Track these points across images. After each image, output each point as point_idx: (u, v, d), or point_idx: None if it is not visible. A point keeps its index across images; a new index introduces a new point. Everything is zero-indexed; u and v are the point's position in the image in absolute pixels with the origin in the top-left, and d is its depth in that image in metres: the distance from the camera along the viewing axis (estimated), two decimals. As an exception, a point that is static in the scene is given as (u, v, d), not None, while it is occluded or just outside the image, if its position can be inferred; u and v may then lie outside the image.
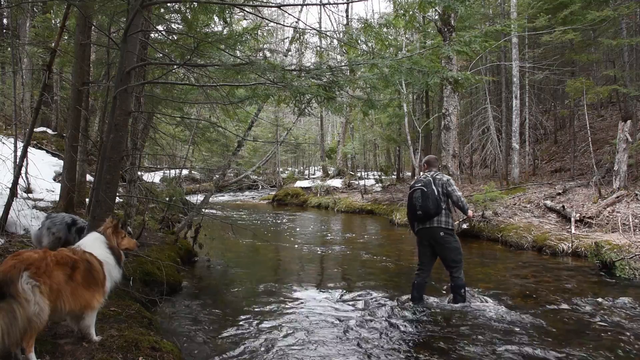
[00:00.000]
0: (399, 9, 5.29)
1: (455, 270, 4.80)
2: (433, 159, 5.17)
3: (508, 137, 14.80)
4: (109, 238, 3.04)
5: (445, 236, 4.75)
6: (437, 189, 4.75)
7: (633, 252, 6.55)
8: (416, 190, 4.82)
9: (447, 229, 4.77)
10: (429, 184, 4.78)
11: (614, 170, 9.68)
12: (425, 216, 4.74)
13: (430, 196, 4.69)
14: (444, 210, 4.76)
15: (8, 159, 6.05)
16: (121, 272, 3.09)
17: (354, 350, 3.78)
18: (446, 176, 4.92)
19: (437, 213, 4.72)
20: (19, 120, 9.73)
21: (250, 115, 9.36)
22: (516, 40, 13.11)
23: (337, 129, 35.53)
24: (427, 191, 4.72)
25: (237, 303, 5.23)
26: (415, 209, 4.78)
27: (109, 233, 3.05)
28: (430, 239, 4.84)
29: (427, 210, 4.70)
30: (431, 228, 4.77)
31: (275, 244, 9.40)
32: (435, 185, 4.77)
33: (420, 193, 4.75)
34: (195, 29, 5.27)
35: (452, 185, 4.83)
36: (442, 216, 4.75)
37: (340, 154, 26.54)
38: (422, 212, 4.74)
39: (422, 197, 4.72)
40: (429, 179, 4.83)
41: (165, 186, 11.87)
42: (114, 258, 3.00)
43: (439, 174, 4.92)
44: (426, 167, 5.13)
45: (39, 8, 12.42)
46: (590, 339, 4.01)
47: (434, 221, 4.75)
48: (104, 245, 2.99)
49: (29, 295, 2.35)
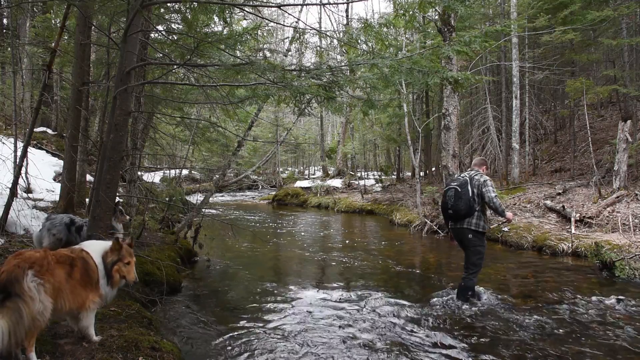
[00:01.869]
0: (399, 9, 5.28)
1: (472, 272, 4.84)
2: (478, 160, 5.15)
3: (508, 137, 14.80)
4: (107, 251, 2.94)
5: (472, 238, 4.77)
6: (473, 190, 4.74)
7: (633, 252, 6.55)
8: (450, 189, 4.85)
9: (476, 231, 4.78)
10: (464, 184, 4.78)
11: (614, 170, 9.68)
12: (456, 216, 4.78)
13: (463, 196, 4.70)
14: (477, 212, 4.76)
15: (8, 159, 6.05)
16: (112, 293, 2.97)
17: (355, 350, 3.78)
18: (485, 177, 4.87)
19: (468, 214, 4.73)
20: (19, 120, 9.73)
21: (250, 115, 9.37)
22: (516, 40, 13.11)
23: (337, 129, 35.53)
24: (461, 191, 4.74)
25: (237, 303, 5.23)
26: (447, 207, 4.83)
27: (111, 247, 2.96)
28: (459, 238, 4.93)
29: (458, 211, 4.73)
30: (461, 228, 4.82)
31: (275, 244, 9.40)
32: (471, 185, 4.76)
33: (454, 192, 4.77)
34: (195, 29, 5.27)
35: (488, 186, 4.77)
36: (474, 218, 4.76)
37: (340, 154, 26.53)
38: (452, 211, 4.78)
39: (455, 196, 4.75)
40: (466, 179, 4.83)
41: (165, 186, 11.88)
42: (104, 269, 2.90)
43: (478, 174, 4.88)
44: (471, 167, 5.13)
45: (39, 8, 12.42)
46: (590, 339, 4.01)
47: (464, 222, 4.78)
48: (101, 253, 2.91)
49: (34, 293, 2.36)
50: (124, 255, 2.96)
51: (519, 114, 13.59)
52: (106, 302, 2.98)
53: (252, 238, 9.48)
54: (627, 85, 12.88)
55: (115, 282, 2.92)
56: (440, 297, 5.19)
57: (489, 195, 4.72)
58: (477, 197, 4.75)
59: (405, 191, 16.61)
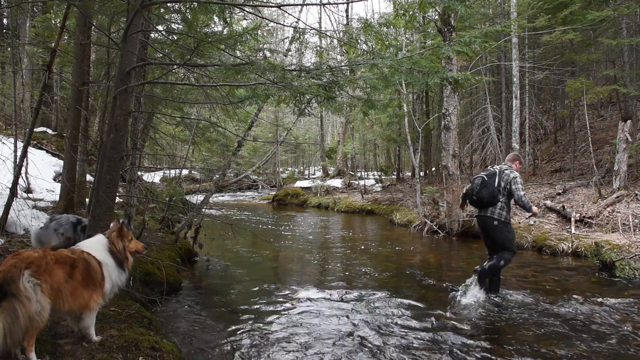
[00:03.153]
0: (399, 9, 5.29)
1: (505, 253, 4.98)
2: (512, 156, 5.35)
3: (508, 137, 14.79)
4: (113, 242, 3.01)
5: (498, 225, 5.00)
6: (500, 182, 4.96)
7: (633, 252, 6.55)
8: (478, 178, 5.11)
9: (499, 220, 5.00)
10: (492, 174, 5.02)
11: (614, 170, 9.68)
12: (479, 203, 5.03)
13: (488, 186, 4.94)
14: (500, 203, 4.97)
15: (8, 159, 6.05)
16: (126, 276, 3.06)
17: (355, 350, 3.78)
18: (515, 173, 5.06)
19: (491, 203, 4.97)
20: (19, 120, 9.73)
21: (250, 115, 9.36)
22: (516, 40, 13.11)
23: (337, 129, 35.52)
24: (487, 181, 4.98)
25: (237, 303, 5.23)
26: (472, 194, 5.07)
27: (113, 237, 3.03)
28: (483, 226, 5.14)
29: (481, 198, 4.97)
30: (485, 216, 5.07)
31: (275, 244, 9.40)
32: (499, 177, 4.98)
33: (480, 181, 5.03)
34: (195, 29, 5.27)
35: (517, 184, 4.95)
36: (497, 208, 4.98)
37: (340, 154, 26.53)
38: (476, 197, 5.03)
39: (481, 185, 5.00)
40: (495, 171, 5.07)
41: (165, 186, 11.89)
42: (115, 261, 2.98)
43: (509, 169, 5.08)
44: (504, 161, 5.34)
45: (39, 8, 12.42)
46: (590, 339, 4.01)
47: (488, 210, 5.02)
48: (105, 247, 2.98)
49: (31, 293, 2.35)
50: (126, 234, 3.10)
51: (519, 114, 13.58)
52: (123, 286, 3.14)
53: (252, 238, 9.48)
54: (627, 85, 12.88)
55: (130, 263, 3.10)
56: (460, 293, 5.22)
57: (518, 193, 4.92)
58: (502, 189, 4.97)
59: (405, 191, 16.61)
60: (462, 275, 6.45)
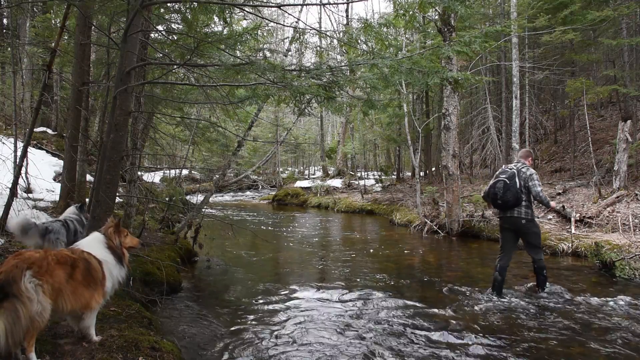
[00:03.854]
0: (399, 9, 5.28)
1: (536, 253, 5.23)
2: (524, 152, 5.47)
3: (508, 137, 14.79)
4: (110, 237, 3.03)
5: (526, 224, 5.14)
6: (520, 182, 5.10)
7: (633, 252, 6.54)
8: (499, 181, 5.19)
9: (527, 219, 5.13)
10: (512, 176, 5.14)
11: (614, 170, 9.68)
12: (505, 206, 5.15)
13: (511, 188, 5.07)
14: (524, 202, 5.12)
15: (8, 159, 6.05)
16: (125, 271, 3.09)
17: (355, 350, 3.78)
18: (531, 170, 5.20)
19: (516, 204, 5.10)
20: (19, 120, 9.73)
21: (250, 115, 9.36)
22: (516, 40, 13.10)
23: (337, 129, 35.52)
24: (509, 183, 5.10)
25: (237, 303, 5.23)
26: (496, 198, 5.17)
27: (110, 232, 3.05)
28: (513, 227, 5.23)
29: (507, 201, 5.10)
30: (511, 217, 5.18)
31: (275, 244, 9.40)
32: (518, 177, 5.12)
33: (502, 184, 5.13)
34: (195, 29, 5.27)
35: (534, 180, 5.11)
36: (522, 207, 5.12)
37: (340, 154, 26.53)
38: (501, 202, 5.14)
39: (504, 188, 5.11)
40: (514, 171, 5.18)
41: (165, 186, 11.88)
42: (114, 257, 3.00)
43: (524, 167, 5.23)
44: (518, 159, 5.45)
45: (39, 8, 12.42)
46: (590, 339, 4.01)
47: (514, 211, 5.14)
48: (103, 244, 2.99)
49: (32, 294, 2.35)
50: (121, 230, 3.13)
51: (519, 114, 13.57)
52: (122, 283, 3.15)
53: (252, 238, 9.48)
54: (627, 85, 12.88)
55: (126, 258, 3.11)
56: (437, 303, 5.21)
57: (536, 189, 5.07)
58: (524, 189, 5.11)
59: (405, 191, 16.61)
60: (462, 275, 6.45)
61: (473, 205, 10.76)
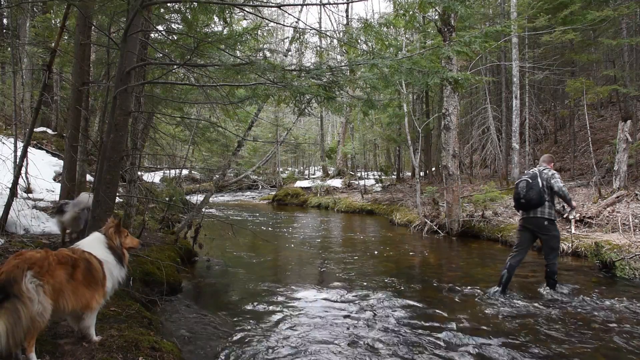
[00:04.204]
0: (399, 9, 5.29)
1: (552, 257, 5.33)
2: (547, 157, 5.67)
3: (508, 137, 14.79)
4: (111, 238, 3.04)
5: (548, 225, 5.26)
6: (542, 182, 5.26)
7: (633, 252, 6.54)
8: (522, 181, 5.37)
9: (549, 219, 5.27)
10: (534, 176, 5.31)
11: (614, 170, 9.68)
12: (528, 205, 5.25)
13: (534, 187, 5.21)
14: (547, 202, 5.25)
15: (8, 159, 6.05)
16: (125, 271, 3.09)
17: (355, 350, 3.78)
18: (552, 170, 5.39)
19: (539, 204, 5.21)
20: (19, 120, 9.72)
21: (250, 115, 9.36)
22: (516, 40, 13.11)
23: (337, 129, 35.52)
24: (532, 183, 5.25)
25: (237, 303, 5.23)
26: (519, 197, 5.31)
27: (111, 233, 3.05)
28: (534, 227, 5.33)
29: (530, 200, 5.21)
30: (535, 217, 5.28)
31: (275, 244, 9.40)
32: (540, 178, 5.28)
33: (525, 184, 5.29)
34: (195, 29, 5.27)
35: (556, 177, 5.29)
36: (545, 207, 5.25)
37: (340, 154, 26.53)
38: (525, 200, 5.26)
39: (527, 187, 5.25)
40: (536, 172, 5.37)
41: (165, 186, 11.88)
42: (115, 257, 3.00)
43: (546, 169, 5.41)
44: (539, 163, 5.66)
45: (39, 8, 12.42)
46: (590, 339, 4.01)
47: (537, 211, 5.25)
48: (104, 245, 2.99)
49: (33, 294, 2.34)
50: (121, 230, 3.15)
51: (519, 114, 13.58)
52: (122, 283, 3.17)
53: (252, 238, 9.48)
54: (627, 85, 12.89)
55: (126, 258, 3.13)
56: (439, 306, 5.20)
57: (558, 185, 5.22)
58: (546, 189, 5.25)
59: (405, 191, 16.61)
60: (462, 275, 6.45)
61: (473, 205, 10.76)
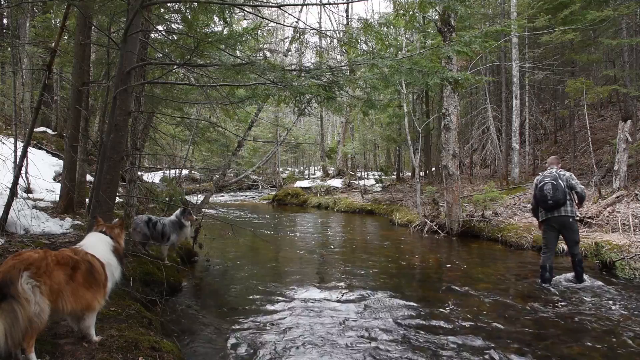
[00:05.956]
0: (399, 9, 5.30)
1: (576, 248, 5.74)
2: (554, 159, 6.10)
3: (508, 137, 14.79)
4: (118, 239, 3.06)
5: (573, 222, 5.71)
6: (563, 183, 5.66)
7: (633, 252, 6.54)
8: (547, 184, 5.70)
9: (573, 217, 5.70)
10: (556, 178, 5.70)
11: (614, 170, 9.68)
12: (556, 205, 5.64)
13: (559, 188, 5.61)
14: (569, 201, 5.67)
15: (8, 159, 6.04)
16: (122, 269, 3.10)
17: (355, 351, 3.78)
18: (568, 172, 5.83)
19: (564, 203, 5.63)
20: (19, 120, 9.72)
21: (250, 115, 9.36)
22: (516, 40, 13.11)
23: (337, 129, 35.52)
24: (557, 184, 5.63)
25: (237, 303, 5.23)
26: (547, 199, 5.67)
27: (117, 234, 3.06)
28: (560, 225, 5.74)
29: (558, 200, 5.61)
30: (560, 216, 5.68)
31: (275, 244, 9.40)
32: (560, 179, 5.68)
33: (551, 186, 5.65)
34: (195, 29, 5.27)
35: (575, 179, 5.75)
36: (569, 206, 5.66)
37: (340, 154, 26.53)
38: (553, 201, 5.63)
39: (553, 189, 5.63)
40: (555, 175, 5.75)
41: (165, 186, 11.87)
42: (117, 259, 3.00)
43: (561, 171, 5.84)
44: (547, 166, 6.05)
45: (39, 8, 12.42)
46: (590, 339, 4.01)
47: (561, 210, 5.66)
48: (109, 247, 2.99)
49: (30, 295, 2.34)
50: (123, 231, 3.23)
51: (519, 114, 13.59)
52: (119, 282, 3.17)
53: (252, 238, 9.48)
54: (627, 85, 12.89)
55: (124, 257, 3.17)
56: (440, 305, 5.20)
57: (580, 186, 5.70)
58: (567, 188, 5.66)
59: (405, 191, 16.60)
60: (462, 275, 6.45)
61: (473, 205, 10.76)
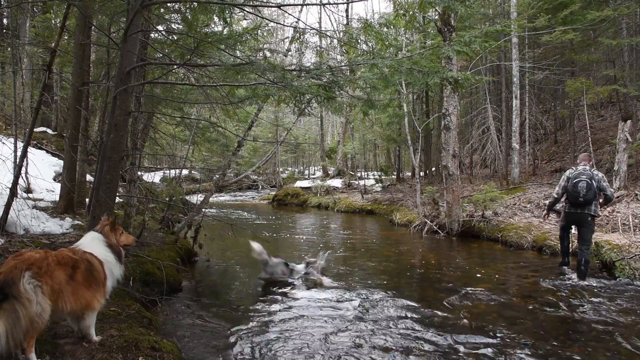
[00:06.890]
0: (399, 9, 5.30)
1: (587, 247, 5.97)
2: (585, 156, 6.31)
3: (508, 137, 14.80)
4: (107, 236, 3.04)
5: (591, 221, 5.98)
6: (595, 184, 5.86)
7: (633, 252, 6.54)
8: (582, 181, 5.90)
9: (594, 216, 5.96)
10: (591, 177, 5.88)
11: (614, 170, 9.68)
12: (585, 203, 5.88)
13: (592, 188, 5.83)
14: (595, 201, 5.91)
15: (8, 159, 6.04)
16: (123, 269, 3.09)
17: (354, 351, 3.78)
18: (601, 173, 6.02)
19: (591, 203, 5.89)
20: (19, 120, 9.72)
21: (250, 115, 9.35)
22: (516, 40, 13.11)
23: (337, 129, 35.53)
24: (591, 184, 5.84)
25: (237, 303, 5.23)
26: (579, 196, 5.88)
27: (107, 231, 3.05)
28: (577, 220, 6.08)
29: (588, 200, 5.85)
30: (582, 213, 5.95)
31: (275, 244, 9.39)
32: (594, 179, 5.87)
33: (586, 184, 5.85)
34: (195, 29, 5.27)
35: (606, 181, 5.97)
36: (593, 205, 5.91)
37: (340, 154, 26.52)
38: (584, 199, 5.86)
39: (587, 188, 5.84)
40: (591, 174, 5.92)
41: (165, 186, 11.87)
42: (114, 256, 3.00)
43: (595, 170, 6.03)
44: (579, 162, 6.23)
45: (39, 8, 12.42)
46: (590, 339, 4.01)
47: (585, 208, 5.92)
48: (103, 243, 2.99)
49: (31, 295, 2.34)
50: (117, 228, 3.17)
51: (519, 114, 13.59)
52: (120, 282, 3.16)
53: (253, 238, 9.45)
54: (627, 85, 12.89)
55: (123, 255, 3.12)
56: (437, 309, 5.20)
57: (610, 190, 5.98)
58: (597, 189, 5.88)
59: (405, 191, 16.60)
60: (462, 275, 6.45)
61: (473, 205, 10.75)
